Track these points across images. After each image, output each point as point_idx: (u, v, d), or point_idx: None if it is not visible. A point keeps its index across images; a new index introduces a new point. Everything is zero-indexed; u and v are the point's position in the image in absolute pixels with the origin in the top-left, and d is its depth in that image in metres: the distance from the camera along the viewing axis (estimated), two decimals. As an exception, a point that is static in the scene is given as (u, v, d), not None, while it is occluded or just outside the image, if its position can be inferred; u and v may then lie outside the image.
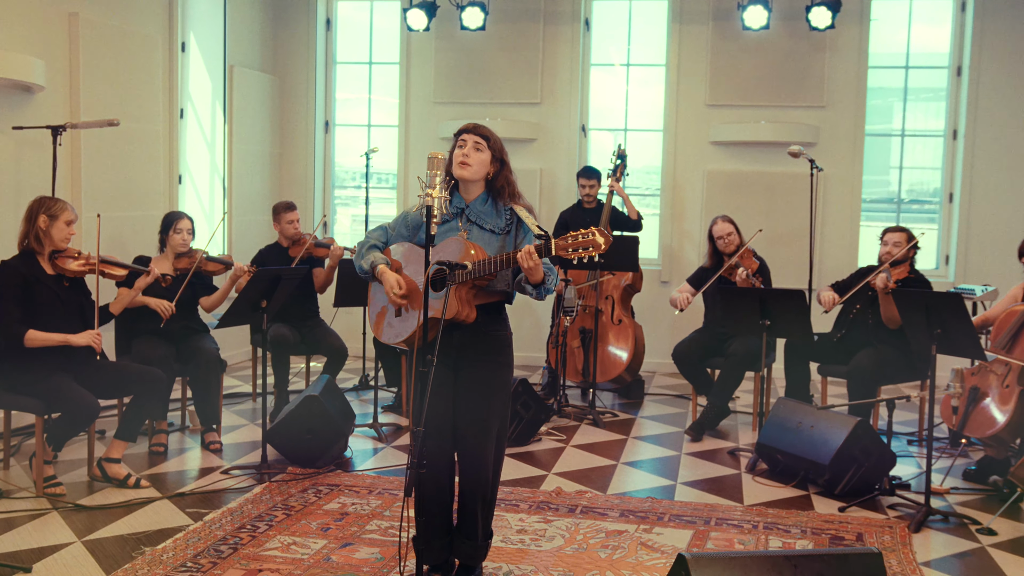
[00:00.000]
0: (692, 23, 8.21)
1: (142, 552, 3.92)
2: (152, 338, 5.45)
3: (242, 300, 5.03)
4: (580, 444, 5.89)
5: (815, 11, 7.26)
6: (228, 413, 6.38)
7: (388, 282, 3.56)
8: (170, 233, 5.59)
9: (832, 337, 6.10)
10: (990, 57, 7.81)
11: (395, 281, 3.54)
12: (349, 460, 5.42)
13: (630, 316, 7.07)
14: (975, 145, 7.91)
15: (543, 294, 3.45)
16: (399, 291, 3.53)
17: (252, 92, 8.28)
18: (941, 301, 4.52)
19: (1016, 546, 4.26)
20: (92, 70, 6.28)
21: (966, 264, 7.97)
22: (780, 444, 5.22)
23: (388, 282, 3.56)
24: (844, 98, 8.04)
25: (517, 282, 3.51)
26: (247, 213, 8.18)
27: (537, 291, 3.44)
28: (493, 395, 3.60)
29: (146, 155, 6.95)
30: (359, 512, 4.50)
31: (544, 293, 3.44)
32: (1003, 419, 4.87)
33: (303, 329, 6.36)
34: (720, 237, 6.36)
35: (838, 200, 8.09)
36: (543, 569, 3.85)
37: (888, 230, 5.93)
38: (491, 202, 3.62)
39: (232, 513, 4.44)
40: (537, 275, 3.35)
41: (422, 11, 7.79)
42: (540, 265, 3.31)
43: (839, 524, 4.50)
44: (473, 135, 3.56)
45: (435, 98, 8.59)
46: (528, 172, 8.36)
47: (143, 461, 5.30)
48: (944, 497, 4.94)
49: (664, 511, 4.64)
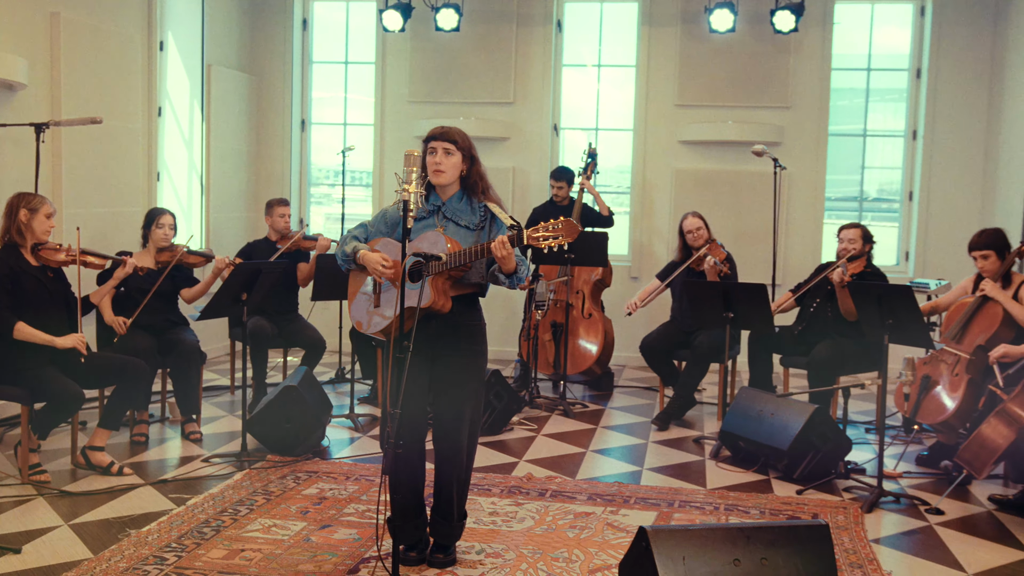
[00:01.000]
0: (661, 25, 8.42)
1: (128, 534, 4.07)
2: (134, 330, 5.58)
3: (223, 293, 5.18)
4: (551, 433, 6.08)
5: (779, 15, 7.50)
6: (207, 405, 6.52)
7: (372, 259, 3.71)
8: (152, 228, 5.74)
9: (793, 330, 6.33)
10: (947, 59, 8.09)
11: (379, 257, 3.70)
12: (327, 448, 5.58)
13: (600, 310, 7.28)
14: (933, 145, 8.18)
15: (515, 283, 3.65)
16: (387, 264, 3.68)
17: (229, 91, 8.41)
18: (892, 293, 4.75)
19: (961, 524, 4.50)
20: (73, 69, 6.40)
21: (925, 260, 8.24)
22: (742, 431, 5.44)
23: (372, 259, 3.71)
24: (808, 99, 8.29)
25: (491, 272, 3.70)
26: (224, 210, 8.31)
27: (510, 280, 3.63)
28: (468, 382, 3.79)
29: (125, 152, 7.07)
30: (337, 496, 4.67)
31: (516, 282, 3.64)
32: (952, 406, 5.11)
33: (281, 323, 6.51)
34: (690, 231, 6.58)
35: (802, 198, 8.34)
36: (514, 547, 4.04)
37: (844, 227, 6.17)
38: (466, 199, 3.80)
39: (214, 498, 4.59)
40: (510, 264, 3.54)
41: (397, 12, 7.95)
42: (512, 254, 3.50)
43: (796, 505, 4.72)
44: (441, 142, 3.72)
45: (410, 97, 8.76)
46: (501, 171, 8.55)
47: (125, 450, 5.44)
48: (897, 480, 5.18)
49: (630, 494, 4.84)
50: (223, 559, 3.83)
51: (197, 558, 3.83)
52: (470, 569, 3.80)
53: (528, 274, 3.71)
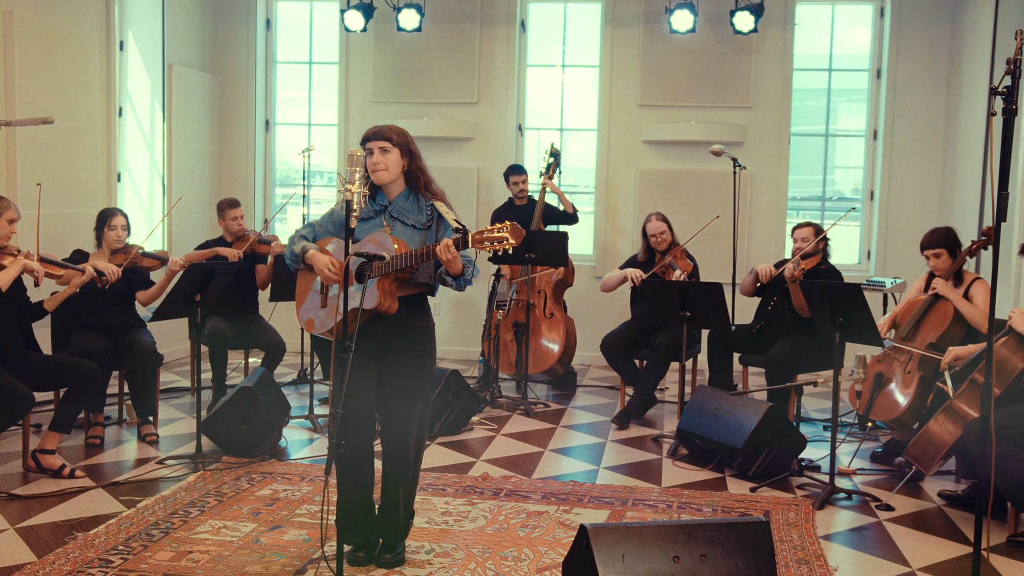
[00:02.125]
0: (624, 26, 8.45)
1: (75, 537, 4.04)
2: (88, 332, 5.54)
3: (176, 293, 5.15)
4: (510, 433, 6.09)
5: (739, 15, 7.54)
6: (166, 407, 6.48)
7: (321, 261, 3.72)
8: (104, 230, 5.70)
9: (752, 328, 6.37)
10: (906, 60, 8.16)
11: (328, 260, 3.71)
12: (284, 450, 5.57)
13: (562, 310, 7.29)
14: (893, 145, 8.26)
15: (462, 285, 3.65)
16: (334, 268, 3.69)
17: (191, 91, 8.36)
18: (843, 291, 4.78)
19: (910, 520, 4.55)
20: (27, 69, 6.34)
21: (885, 259, 8.31)
22: (699, 430, 5.46)
23: (321, 261, 3.72)
24: (770, 99, 8.34)
25: (438, 274, 3.70)
26: (187, 211, 8.25)
27: (457, 282, 3.64)
28: (416, 382, 3.79)
29: (83, 153, 7.01)
30: (290, 497, 4.66)
31: (463, 284, 3.65)
32: (905, 403, 5.16)
33: (241, 324, 6.48)
34: (653, 235, 6.59)
35: (765, 198, 8.39)
36: (463, 547, 4.04)
37: (798, 226, 6.23)
38: (412, 197, 3.81)
39: (165, 500, 4.57)
40: (456, 267, 3.55)
41: (359, 12, 7.93)
42: (458, 257, 3.51)
43: (749, 503, 4.75)
44: (376, 141, 3.72)
45: (374, 98, 8.74)
46: (465, 171, 8.55)
47: (79, 453, 5.40)
48: (851, 477, 5.22)
49: (585, 493, 4.85)
50: (169, 561, 3.81)
51: (143, 560, 3.81)
52: (418, 569, 3.80)
53: (476, 274, 3.71)
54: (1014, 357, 4.37)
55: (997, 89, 2.69)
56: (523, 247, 6.52)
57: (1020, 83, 2.60)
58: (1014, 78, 2.62)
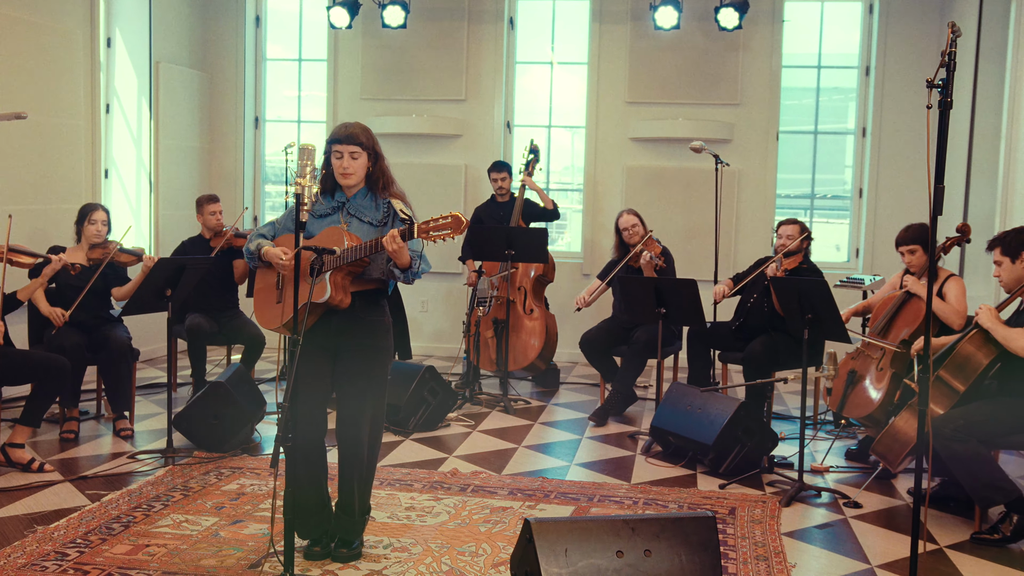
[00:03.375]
0: (611, 23, 8.43)
1: (34, 530, 4.06)
2: (64, 327, 5.55)
3: (144, 288, 5.17)
4: (487, 429, 6.08)
5: (723, 12, 7.51)
6: (146, 402, 6.50)
7: (273, 253, 3.74)
8: (85, 224, 5.72)
9: (731, 325, 6.34)
10: (894, 58, 8.12)
11: (279, 250, 3.72)
12: (258, 444, 5.57)
13: (543, 306, 7.28)
14: (881, 142, 8.21)
15: (410, 278, 3.65)
16: (285, 257, 3.70)
17: (179, 88, 8.38)
18: (810, 288, 4.76)
19: (876, 517, 4.52)
20: (7, 65, 6.36)
21: (873, 257, 8.27)
22: (671, 427, 5.44)
23: (273, 253, 3.74)
24: (758, 96, 8.31)
25: (388, 268, 3.70)
26: (174, 207, 8.28)
27: (405, 275, 3.64)
28: (370, 378, 3.79)
29: (67, 149, 7.03)
30: (256, 492, 4.66)
31: (411, 277, 3.65)
32: (877, 398, 5.13)
33: (221, 319, 6.49)
34: (625, 229, 6.61)
35: (752, 196, 8.36)
36: (422, 542, 4.04)
37: (782, 223, 6.20)
38: (370, 196, 3.81)
39: (131, 494, 4.58)
40: (403, 258, 3.55)
41: (344, 9, 7.93)
42: (404, 248, 3.51)
43: (716, 500, 4.73)
44: (347, 146, 3.72)
45: (362, 94, 8.75)
46: (453, 168, 8.55)
47: (54, 447, 5.42)
48: (823, 475, 5.20)
49: (552, 489, 4.84)
50: (126, 555, 3.81)
51: (99, 554, 3.82)
52: (373, 563, 3.80)
53: (426, 269, 3.71)
54: (979, 353, 4.34)
55: (933, 82, 2.67)
56: (503, 244, 6.52)
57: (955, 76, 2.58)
58: (948, 71, 2.60)
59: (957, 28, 2.64)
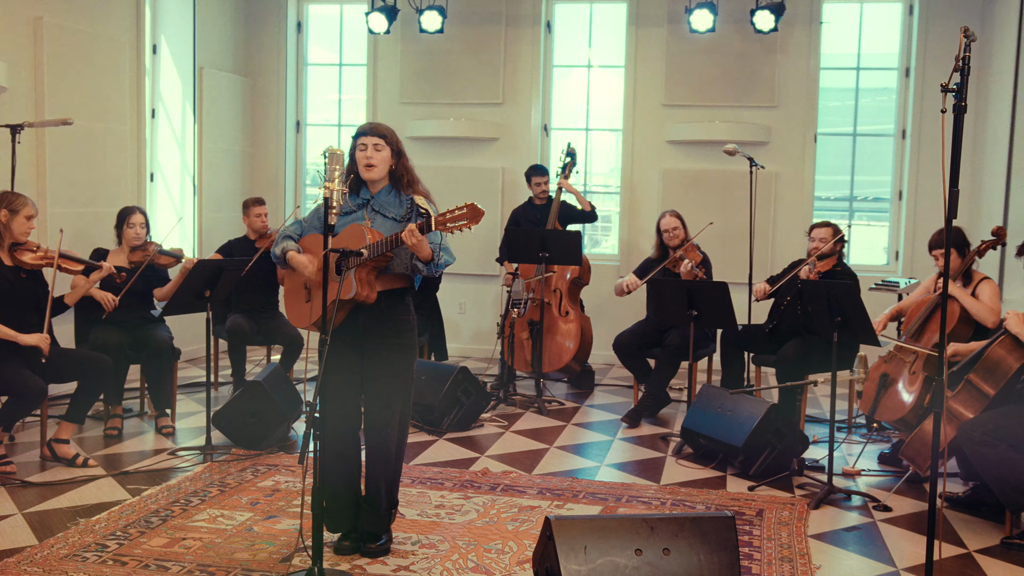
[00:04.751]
0: (648, 26, 8.46)
1: (76, 522, 4.20)
2: (108, 327, 5.72)
3: (184, 289, 5.32)
4: (520, 430, 6.14)
5: (759, 15, 7.51)
6: (186, 400, 6.66)
7: (300, 261, 3.88)
8: (124, 228, 5.88)
9: (764, 328, 6.34)
10: (934, 59, 8.04)
11: (306, 258, 3.85)
12: (294, 442, 5.69)
13: (578, 308, 7.32)
14: (920, 145, 8.14)
15: (433, 270, 3.77)
16: (312, 266, 3.82)
17: (222, 93, 8.56)
18: (839, 291, 4.76)
19: (906, 521, 4.50)
20: (56, 72, 6.56)
21: (912, 259, 8.19)
22: (702, 428, 5.46)
23: (300, 261, 3.88)
24: (795, 98, 8.28)
25: (412, 262, 3.79)
26: (217, 210, 8.46)
27: (428, 267, 3.74)
28: (396, 375, 3.88)
29: (113, 153, 7.23)
30: (290, 489, 4.77)
31: (435, 269, 3.77)
32: (909, 402, 5.10)
33: (260, 320, 6.63)
34: (667, 231, 6.63)
35: (790, 198, 8.33)
36: (449, 539, 4.11)
37: (814, 226, 6.19)
38: (394, 192, 3.90)
39: (170, 489, 4.71)
40: (423, 251, 3.66)
41: (382, 15, 8.05)
42: (424, 242, 3.62)
43: (744, 501, 4.75)
44: (371, 137, 3.83)
45: (401, 98, 8.86)
46: (490, 171, 8.64)
47: (98, 443, 5.58)
48: (854, 478, 5.18)
49: (581, 489, 4.89)
50: (163, 547, 3.93)
51: (138, 546, 3.94)
52: (400, 559, 3.87)
53: (449, 262, 3.80)
54: (1009, 357, 4.31)
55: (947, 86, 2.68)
56: (537, 246, 6.59)
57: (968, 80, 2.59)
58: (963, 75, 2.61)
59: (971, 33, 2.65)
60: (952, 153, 2.70)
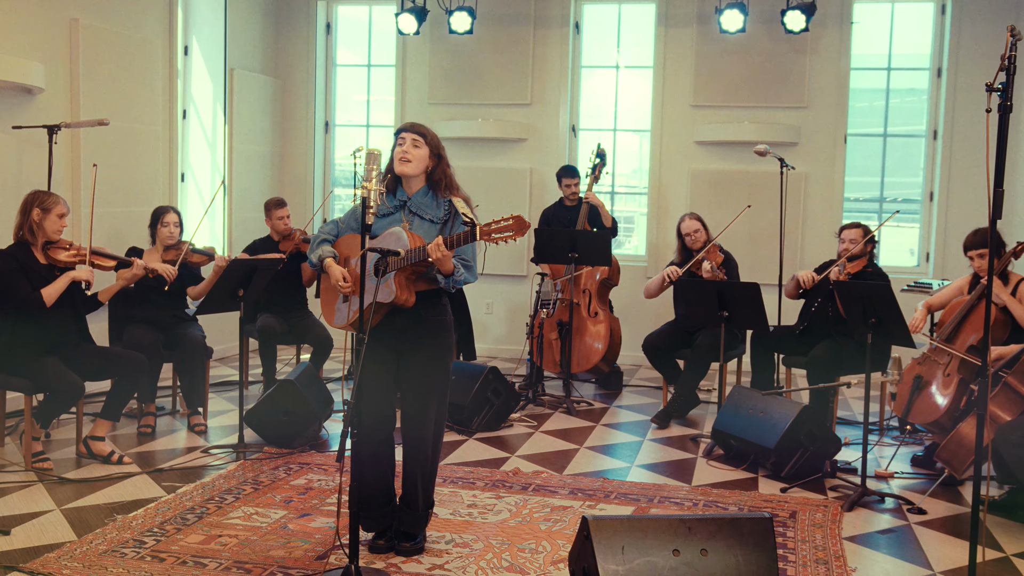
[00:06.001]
0: (677, 26, 8.44)
1: (114, 519, 4.24)
2: (142, 325, 5.77)
3: (218, 289, 5.35)
4: (549, 430, 6.15)
5: (790, 15, 7.47)
6: (218, 399, 6.71)
7: (334, 275, 3.88)
8: (158, 227, 5.93)
9: (795, 329, 6.31)
10: (967, 59, 7.98)
11: (340, 275, 3.86)
12: (325, 441, 5.72)
13: (607, 309, 7.32)
14: (952, 145, 8.08)
15: (450, 284, 3.76)
16: (345, 284, 3.84)
17: (252, 94, 8.62)
18: (874, 292, 4.73)
19: (941, 524, 4.47)
20: (91, 73, 6.63)
21: (944, 261, 8.13)
22: (733, 430, 5.45)
23: (334, 275, 3.88)
24: (825, 99, 8.24)
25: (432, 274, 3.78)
26: (247, 210, 8.51)
27: (446, 281, 3.74)
28: (432, 376, 3.89)
29: (146, 154, 7.29)
30: (323, 487, 4.79)
31: (451, 284, 3.76)
32: (944, 405, 5.06)
33: (291, 320, 6.67)
34: (688, 234, 6.61)
35: (820, 199, 8.29)
36: (483, 538, 4.12)
37: (844, 227, 6.15)
38: (431, 194, 3.91)
39: (204, 487, 4.75)
40: (446, 266, 3.66)
41: (412, 16, 8.08)
42: (448, 257, 3.61)
43: (777, 503, 4.73)
44: (411, 133, 3.85)
45: (430, 99, 8.89)
46: (518, 171, 8.65)
47: (132, 440, 5.63)
48: (888, 480, 5.15)
49: (613, 490, 4.89)
50: (199, 544, 3.97)
51: (175, 542, 3.98)
52: (435, 557, 3.89)
53: (469, 280, 3.82)
54: (1048, 360, 4.27)
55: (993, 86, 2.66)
56: (566, 247, 6.59)
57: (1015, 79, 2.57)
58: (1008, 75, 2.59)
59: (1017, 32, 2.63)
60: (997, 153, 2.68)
